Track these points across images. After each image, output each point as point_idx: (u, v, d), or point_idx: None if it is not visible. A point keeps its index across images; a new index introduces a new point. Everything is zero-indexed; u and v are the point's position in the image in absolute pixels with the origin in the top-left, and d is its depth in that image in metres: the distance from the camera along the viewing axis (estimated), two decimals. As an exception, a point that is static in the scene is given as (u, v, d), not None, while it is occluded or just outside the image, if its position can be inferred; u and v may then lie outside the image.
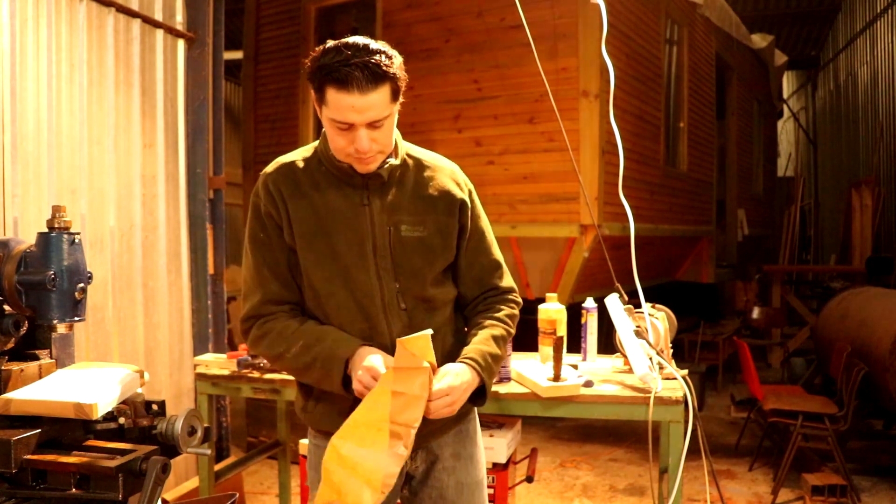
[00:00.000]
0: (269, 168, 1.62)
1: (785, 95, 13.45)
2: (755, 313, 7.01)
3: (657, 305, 2.59)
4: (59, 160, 2.87)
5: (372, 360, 1.47)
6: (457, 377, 1.50)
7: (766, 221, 10.71)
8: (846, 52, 11.25)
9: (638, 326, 2.35)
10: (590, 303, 2.67)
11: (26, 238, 1.40)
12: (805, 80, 14.35)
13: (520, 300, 1.76)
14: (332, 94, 1.43)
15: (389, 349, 1.55)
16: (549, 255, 4.92)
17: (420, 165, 1.65)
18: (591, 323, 2.67)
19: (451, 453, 1.68)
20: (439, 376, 1.49)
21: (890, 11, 9.14)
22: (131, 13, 3.25)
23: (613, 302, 2.45)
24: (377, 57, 1.43)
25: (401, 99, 1.52)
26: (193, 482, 3.42)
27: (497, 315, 1.67)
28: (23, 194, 2.69)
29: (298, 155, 1.64)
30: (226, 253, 3.90)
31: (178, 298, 3.61)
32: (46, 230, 1.34)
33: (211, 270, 3.74)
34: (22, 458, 1.10)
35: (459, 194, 1.64)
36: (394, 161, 1.59)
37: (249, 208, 1.62)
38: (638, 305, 2.45)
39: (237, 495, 1.34)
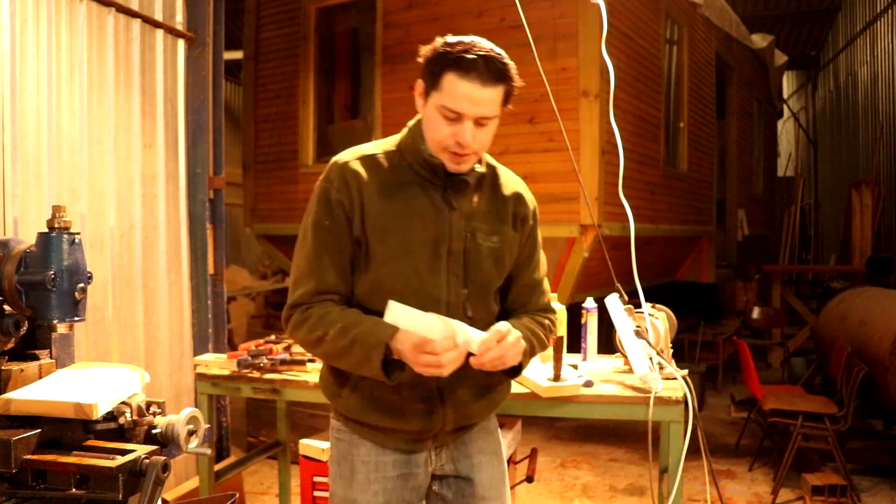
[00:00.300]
0: (347, 157, 1.57)
1: (785, 95, 13.44)
2: (755, 313, 7.00)
3: (657, 305, 2.58)
4: (59, 160, 2.87)
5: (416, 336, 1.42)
6: (510, 332, 1.46)
7: (766, 221, 10.71)
8: (846, 52, 11.25)
9: (638, 326, 2.35)
10: (590, 303, 2.67)
11: (26, 238, 1.40)
12: (805, 80, 14.35)
13: (556, 319, 1.78)
14: (450, 80, 1.43)
15: None
16: (549, 255, 4.86)
17: (496, 174, 1.66)
18: (591, 323, 2.67)
19: (478, 449, 1.69)
20: (492, 329, 1.47)
21: (890, 11, 9.14)
22: (131, 13, 3.25)
23: (613, 302, 2.45)
24: (501, 57, 1.45)
25: (508, 106, 1.52)
26: (193, 482, 3.42)
27: (542, 322, 1.69)
28: (23, 194, 2.69)
29: (379, 148, 1.60)
30: (226, 253, 3.90)
31: (178, 298, 3.61)
32: (46, 230, 1.34)
33: (211, 270, 3.74)
34: (22, 458, 1.10)
35: (527, 211, 1.67)
36: (480, 168, 1.59)
37: (316, 194, 1.57)
38: (638, 305, 2.45)
39: (237, 495, 1.34)
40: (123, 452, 1.13)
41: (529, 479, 2.69)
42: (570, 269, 4.80)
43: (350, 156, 1.58)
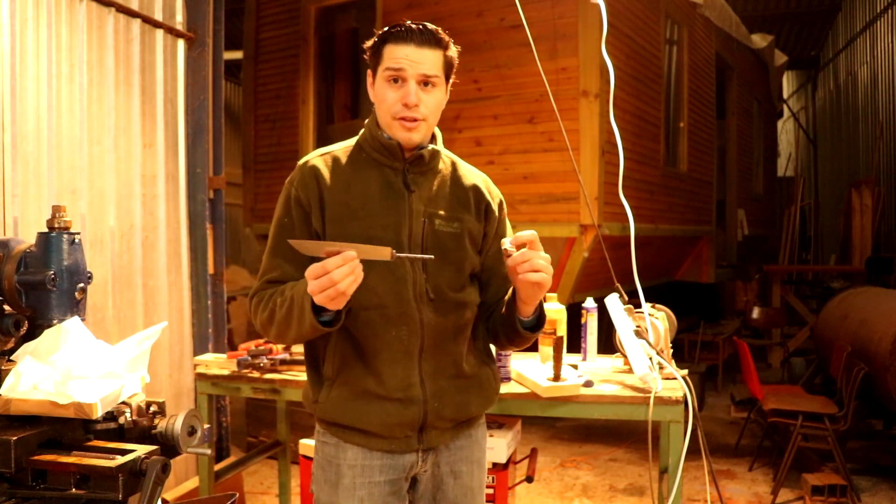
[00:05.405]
0: (310, 156, 1.65)
1: (785, 95, 13.45)
2: (755, 313, 7.00)
3: (657, 305, 2.58)
4: (59, 160, 2.87)
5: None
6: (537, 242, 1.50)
7: (766, 221, 10.70)
8: (846, 52, 11.25)
9: (638, 326, 2.35)
10: (590, 303, 2.67)
11: (26, 238, 1.40)
12: (805, 80, 14.36)
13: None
14: (389, 49, 1.50)
15: (419, 335, 1.54)
16: (549, 254, 4.89)
17: (455, 166, 1.69)
18: (591, 323, 2.67)
19: (461, 458, 1.67)
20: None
21: (890, 11, 9.15)
22: (131, 13, 3.25)
23: (613, 302, 2.45)
24: (435, 28, 1.53)
25: (451, 81, 1.58)
26: (193, 482, 3.42)
27: None
28: (23, 194, 2.69)
29: (340, 146, 1.66)
30: (226, 253, 3.90)
31: (178, 298, 3.61)
32: (46, 230, 1.34)
33: (211, 270, 3.74)
34: (22, 458, 1.10)
35: (491, 201, 1.68)
36: (434, 146, 1.61)
37: (281, 196, 1.63)
38: (638, 305, 2.45)
39: (237, 495, 1.34)
40: (123, 452, 1.13)
41: (529, 479, 2.69)
42: (570, 269, 4.80)
43: (313, 155, 1.65)
